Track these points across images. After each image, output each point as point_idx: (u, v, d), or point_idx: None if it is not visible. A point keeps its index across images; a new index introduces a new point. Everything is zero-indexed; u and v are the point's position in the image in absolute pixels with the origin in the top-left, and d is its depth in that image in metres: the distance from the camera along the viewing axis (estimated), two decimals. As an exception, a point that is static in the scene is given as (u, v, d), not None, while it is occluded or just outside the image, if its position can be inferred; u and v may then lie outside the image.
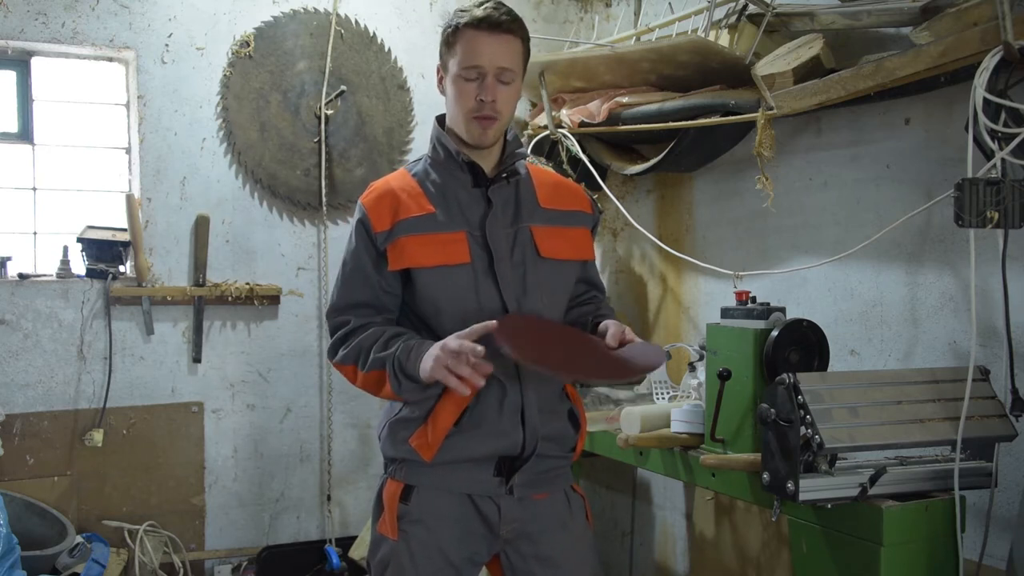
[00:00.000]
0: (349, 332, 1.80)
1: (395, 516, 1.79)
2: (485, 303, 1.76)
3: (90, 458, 3.16)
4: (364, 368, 1.75)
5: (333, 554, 3.38)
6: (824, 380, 1.94)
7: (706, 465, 2.22)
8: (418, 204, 1.79)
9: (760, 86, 2.47)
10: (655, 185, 3.43)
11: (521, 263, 1.81)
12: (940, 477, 1.93)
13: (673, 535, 3.33)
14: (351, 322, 1.80)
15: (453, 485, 1.79)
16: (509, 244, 1.81)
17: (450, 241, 1.77)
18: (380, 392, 1.77)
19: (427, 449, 1.75)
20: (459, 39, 1.75)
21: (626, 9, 3.47)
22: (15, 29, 3.08)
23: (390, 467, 1.85)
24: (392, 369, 1.71)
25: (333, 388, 3.53)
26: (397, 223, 1.77)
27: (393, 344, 1.73)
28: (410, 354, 1.69)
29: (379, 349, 1.74)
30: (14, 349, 3.09)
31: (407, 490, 1.80)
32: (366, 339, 1.76)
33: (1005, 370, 2.02)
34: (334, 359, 1.82)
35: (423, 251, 1.76)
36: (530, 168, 1.93)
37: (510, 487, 1.79)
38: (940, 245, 2.33)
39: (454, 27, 1.76)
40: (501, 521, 1.80)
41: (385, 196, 1.81)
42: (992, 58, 1.89)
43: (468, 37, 1.74)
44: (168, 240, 3.31)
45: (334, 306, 1.84)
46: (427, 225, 1.77)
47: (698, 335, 3.15)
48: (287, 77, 3.42)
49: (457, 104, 1.78)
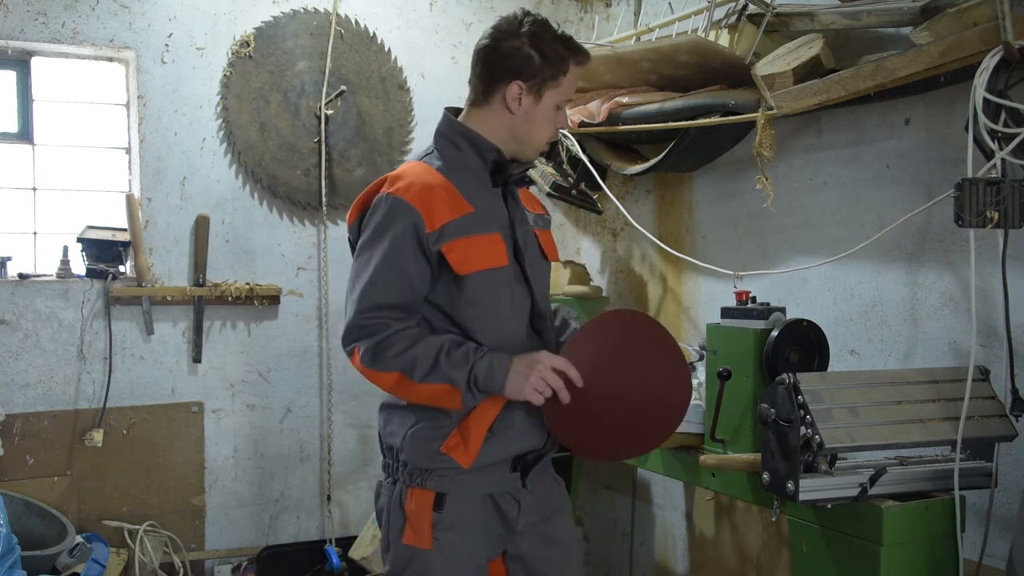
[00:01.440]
0: (390, 336, 1.70)
1: (429, 525, 1.77)
2: (518, 306, 1.80)
3: (90, 458, 3.16)
4: (422, 379, 1.68)
5: (333, 554, 3.37)
6: (824, 380, 1.95)
7: (706, 465, 2.22)
8: (457, 203, 1.74)
9: (760, 86, 2.47)
10: (655, 185, 3.43)
11: (534, 265, 1.86)
12: (940, 477, 1.93)
13: (673, 535, 3.33)
14: (391, 326, 1.70)
15: (480, 488, 1.81)
16: (532, 246, 1.86)
17: (491, 243, 1.76)
18: (438, 402, 1.72)
19: (466, 456, 1.75)
20: (568, 72, 1.78)
21: (626, 9, 3.47)
22: (15, 29, 3.08)
23: (416, 477, 1.79)
24: (469, 384, 1.68)
25: (333, 388, 3.53)
26: (447, 223, 1.71)
27: (455, 355, 1.68)
28: (491, 370, 1.68)
29: (451, 362, 1.68)
30: (14, 349, 3.09)
31: (439, 498, 1.78)
32: (422, 349, 1.68)
33: (1005, 370, 2.02)
34: (373, 366, 1.70)
35: (476, 254, 1.73)
36: None
37: (525, 481, 1.83)
38: (940, 245, 2.33)
39: (563, 58, 1.77)
40: (520, 515, 1.84)
41: (428, 192, 1.72)
42: (992, 58, 1.89)
43: (575, 72, 1.79)
44: (168, 240, 3.31)
45: (368, 305, 1.71)
46: (471, 226, 1.74)
47: (698, 335, 3.15)
48: (287, 77, 3.42)
49: (542, 132, 1.81)
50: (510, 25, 1.77)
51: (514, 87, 1.76)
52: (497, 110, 1.79)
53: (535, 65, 1.75)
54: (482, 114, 1.82)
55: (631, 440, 1.86)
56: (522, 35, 1.75)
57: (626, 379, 1.79)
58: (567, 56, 1.77)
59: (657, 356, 1.82)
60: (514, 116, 1.79)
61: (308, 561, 3.42)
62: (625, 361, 1.79)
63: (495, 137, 1.80)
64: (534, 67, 1.75)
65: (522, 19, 1.77)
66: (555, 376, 1.69)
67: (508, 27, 1.77)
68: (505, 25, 1.78)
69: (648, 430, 1.86)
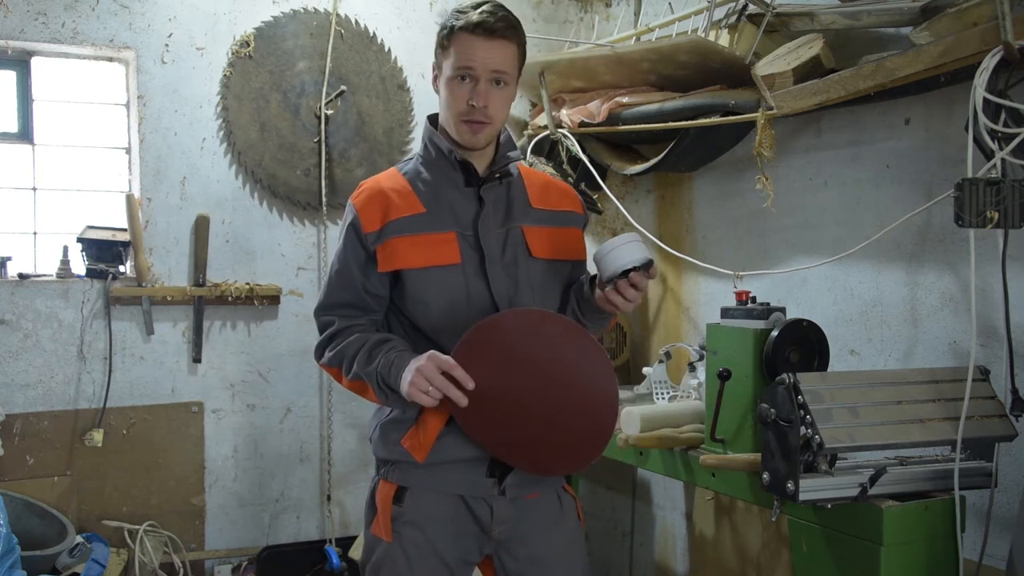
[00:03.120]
0: (334, 334, 1.81)
1: (389, 518, 1.79)
2: (475, 303, 1.77)
3: (90, 458, 3.16)
4: (348, 376, 1.79)
5: (333, 554, 3.37)
6: (824, 380, 1.94)
7: (706, 465, 2.22)
8: (408, 204, 1.78)
9: (760, 86, 2.47)
10: (655, 185, 3.43)
11: (513, 263, 1.81)
12: (940, 477, 1.93)
13: (673, 535, 3.33)
14: (336, 323, 1.81)
15: (446, 486, 1.79)
16: (500, 244, 1.81)
17: (440, 241, 1.77)
18: (365, 396, 1.81)
19: (419, 450, 1.75)
20: (453, 42, 1.74)
21: (626, 9, 3.47)
22: (15, 29, 3.07)
23: (382, 469, 1.85)
24: (377, 384, 1.72)
25: (333, 388, 3.53)
26: (387, 224, 1.76)
27: (376, 355, 1.73)
28: (391, 370, 1.69)
29: (362, 361, 1.74)
30: (14, 349, 3.09)
31: (400, 491, 1.80)
32: (349, 346, 1.77)
33: (1005, 370, 2.02)
34: (320, 360, 1.84)
35: (413, 252, 1.76)
36: (521, 169, 1.93)
37: (503, 488, 1.79)
38: (940, 245, 2.33)
39: (449, 28, 1.75)
40: (493, 522, 1.80)
41: (375, 196, 1.80)
42: (992, 58, 1.89)
43: (462, 40, 1.73)
44: (168, 240, 3.31)
45: (320, 305, 1.85)
46: (417, 225, 1.77)
47: (698, 335, 3.15)
48: (287, 77, 3.42)
49: (449, 106, 1.77)
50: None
51: (433, 71, 1.83)
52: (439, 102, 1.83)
53: (436, 44, 1.80)
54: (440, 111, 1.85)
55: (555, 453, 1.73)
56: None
57: (538, 379, 1.69)
58: (453, 23, 1.75)
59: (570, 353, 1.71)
60: (440, 100, 1.81)
61: (308, 561, 3.42)
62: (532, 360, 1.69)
63: (448, 127, 1.81)
64: (436, 44, 1.80)
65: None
66: (441, 378, 1.63)
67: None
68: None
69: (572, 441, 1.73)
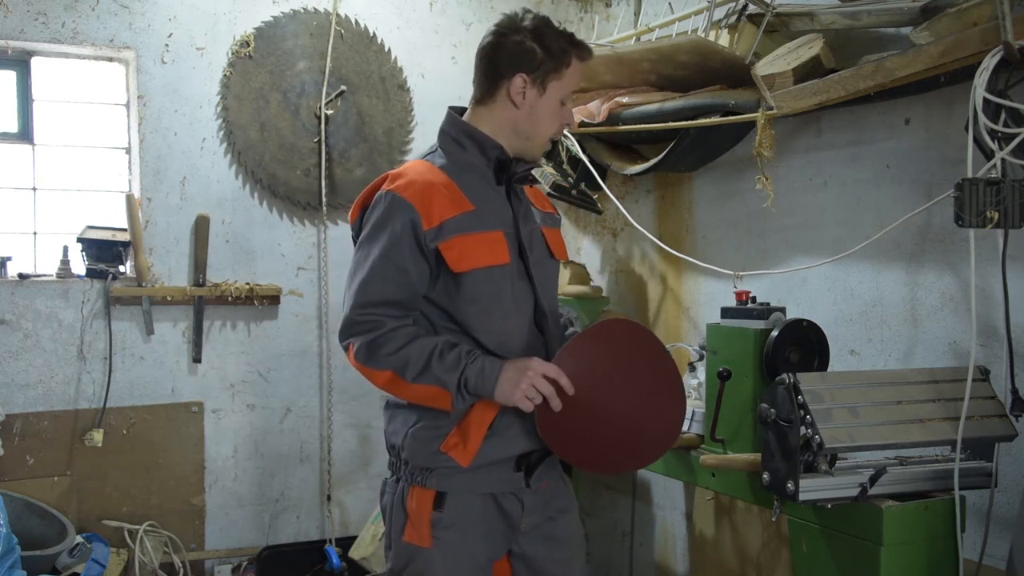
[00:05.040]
0: (386, 334, 1.71)
1: (427, 524, 1.78)
2: (521, 303, 1.80)
3: (90, 458, 3.16)
4: (414, 379, 1.70)
5: (333, 554, 3.37)
6: (824, 380, 1.95)
7: (706, 465, 2.22)
8: (457, 201, 1.75)
9: (760, 86, 2.47)
10: (655, 185, 3.43)
11: (540, 263, 1.85)
12: (940, 477, 1.93)
13: (673, 535, 3.33)
14: (386, 323, 1.71)
15: (483, 487, 1.80)
16: (531, 244, 1.84)
17: (493, 240, 1.77)
18: (425, 402, 1.74)
19: (465, 455, 1.75)
20: (571, 65, 1.79)
21: (626, 9, 3.47)
22: (15, 29, 3.07)
23: (417, 475, 1.80)
24: (459, 389, 1.69)
25: (333, 388, 3.53)
26: (445, 221, 1.72)
27: (448, 359, 1.69)
28: (483, 374, 1.68)
29: (439, 365, 1.68)
30: (14, 349, 3.09)
31: (439, 497, 1.78)
32: (415, 349, 1.69)
33: (1005, 370, 2.02)
34: (367, 363, 1.72)
35: (476, 251, 1.74)
36: None
37: (529, 481, 1.82)
38: (940, 245, 2.33)
39: (565, 51, 1.78)
40: (524, 514, 1.83)
41: (427, 191, 1.73)
42: (992, 58, 1.89)
43: (577, 68, 1.80)
44: (168, 240, 3.30)
45: (361, 302, 1.72)
46: (471, 224, 1.75)
47: (698, 335, 3.15)
48: (287, 77, 3.42)
49: (548, 127, 1.82)
50: (512, 22, 1.80)
51: (518, 80, 1.78)
52: (502, 106, 1.81)
53: (538, 57, 1.77)
54: (486, 112, 1.83)
55: (624, 454, 1.83)
56: (524, 30, 1.78)
57: (620, 391, 1.76)
58: (569, 49, 1.79)
59: (653, 370, 1.80)
60: (518, 111, 1.80)
61: (308, 561, 3.42)
62: (620, 372, 1.77)
63: (499, 134, 1.81)
64: (537, 59, 1.77)
65: (523, 16, 1.81)
66: (546, 383, 1.68)
67: (510, 24, 1.80)
68: (507, 22, 1.81)
69: (642, 444, 1.83)
